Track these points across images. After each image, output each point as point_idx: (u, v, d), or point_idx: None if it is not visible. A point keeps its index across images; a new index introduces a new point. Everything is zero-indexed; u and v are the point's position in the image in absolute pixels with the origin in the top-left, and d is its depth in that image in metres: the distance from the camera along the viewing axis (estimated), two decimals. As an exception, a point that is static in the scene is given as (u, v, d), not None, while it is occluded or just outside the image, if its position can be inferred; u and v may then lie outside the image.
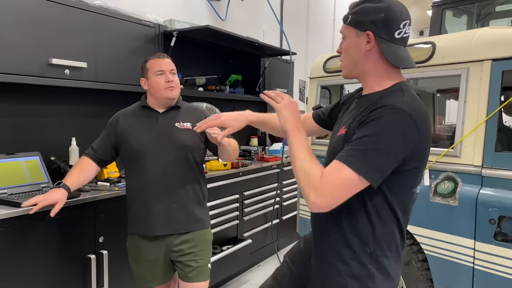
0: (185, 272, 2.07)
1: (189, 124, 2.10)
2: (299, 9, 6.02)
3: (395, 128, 1.15)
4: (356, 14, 1.27)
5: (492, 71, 2.17)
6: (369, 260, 1.28)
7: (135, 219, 2.08)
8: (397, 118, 1.15)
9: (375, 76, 1.30)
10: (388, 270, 1.29)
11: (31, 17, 2.26)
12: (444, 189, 2.30)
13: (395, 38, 1.25)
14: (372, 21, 1.24)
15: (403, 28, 1.25)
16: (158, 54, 2.15)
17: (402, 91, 1.24)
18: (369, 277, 1.28)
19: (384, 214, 1.26)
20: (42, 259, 2.07)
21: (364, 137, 1.16)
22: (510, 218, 2.08)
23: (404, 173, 1.22)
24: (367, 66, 1.29)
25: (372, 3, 1.25)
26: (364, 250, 1.28)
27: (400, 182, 1.24)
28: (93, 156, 2.12)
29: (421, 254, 2.45)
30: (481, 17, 4.64)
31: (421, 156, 1.25)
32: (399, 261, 1.34)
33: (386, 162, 1.16)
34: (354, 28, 1.28)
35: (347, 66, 1.35)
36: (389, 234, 1.29)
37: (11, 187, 2.20)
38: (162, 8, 3.56)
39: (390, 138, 1.15)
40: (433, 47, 2.42)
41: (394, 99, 1.21)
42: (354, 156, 1.15)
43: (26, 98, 2.57)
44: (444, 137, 3.68)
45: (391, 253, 1.30)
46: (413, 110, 1.17)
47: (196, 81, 3.65)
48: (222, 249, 3.33)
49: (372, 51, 1.26)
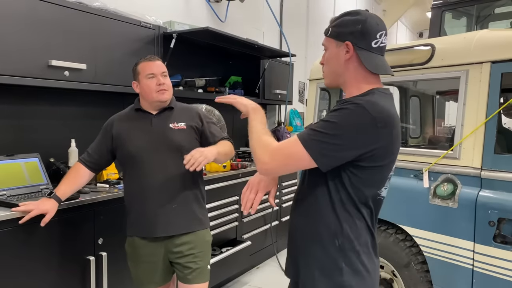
0: (184, 274, 2.07)
1: (183, 124, 2.09)
2: (299, 11, 6.02)
3: (351, 120, 1.22)
4: (336, 27, 1.37)
5: (491, 73, 2.18)
6: (337, 253, 1.33)
7: (134, 222, 2.07)
8: (355, 112, 1.23)
9: (355, 82, 1.36)
10: (357, 264, 1.33)
11: (31, 18, 2.26)
12: (443, 191, 2.30)
13: (372, 47, 1.33)
14: (351, 32, 1.33)
15: (379, 38, 1.34)
16: (148, 57, 2.12)
17: (373, 94, 1.31)
18: (337, 270, 1.32)
19: (350, 209, 1.32)
20: (41, 260, 2.07)
21: (322, 121, 1.26)
22: (509, 220, 2.08)
23: (364, 170, 1.28)
24: (348, 75, 1.37)
25: (351, 16, 1.35)
26: (333, 243, 1.33)
27: (361, 178, 1.29)
28: (87, 163, 2.11)
29: (420, 256, 2.44)
30: (481, 19, 4.65)
31: (380, 156, 1.28)
32: (370, 257, 1.37)
33: (336, 148, 1.22)
34: (334, 40, 1.37)
35: (329, 76, 1.43)
36: (357, 229, 1.33)
37: (10, 188, 2.20)
38: (161, 9, 3.56)
39: (344, 127, 1.22)
40: (432, 49, 2.42)
41: (360, 98, 1.28)
42: (308, 135, 1.25)
43: (26, 100, 2.57)
44: (443, 139, 3.68)
45: (360, 247, 1.33)
46: (374, 109, 1.23)
47: (196, 83, 3.65)
48: (222, 251, 3.32)
49: (351, 60, 1.34)
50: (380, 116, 1.23)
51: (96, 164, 2.13)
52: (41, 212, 1.92)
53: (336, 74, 1.39)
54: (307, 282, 1.38)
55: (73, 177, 2.09)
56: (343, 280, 1.31)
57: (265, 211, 3.96)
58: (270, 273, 3.92)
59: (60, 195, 2.00)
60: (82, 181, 2.12)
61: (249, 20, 4.83)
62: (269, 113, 5.24)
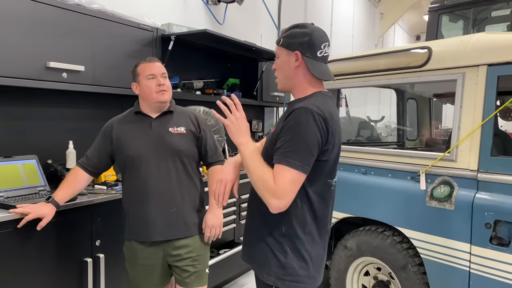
0: (182, 277, 2.06)
1: (183, 129, 2.09)
2: (297, 14, 6.04)
3: (306, 126, 1.40)
4: (287, 38, 1.55)
5: (488, 76, 2.19)
6: (283, 238, 1.52)
7: (133, 225, 2.06)
8: (305, 117, 1.40)
9: (302, 87, 1.56)
10: (301, 250, 1.51)
11: (29, 20, 2.26)
12: (440, 193, 2.31)
13: (317, 57, 1.53)
14: (299, 43, 1.52)
15: (323, 48, 1.54)
16: (148, 58, 2.12)
17: (316, 97, 1.50)
18: (282, 253, 1.52)
19: (298, 200, 1.47)
20: (39, 262, 2.07)
21: (287, 140, 1.41)
22: (505, 222, 2.09)
23: (318, 163, 1.45)
24: (296, 80, 1.55)
25: (299, 29, 1.53)
26: (279, 228, 1.52)
27: (314, 172, 1.45)
28: (86, 166, 2.11)
29: (417, 258, 2.45)
30: (477, 22, 4.68)
31: (328, 150, 1.47)
32: (314, 245, 1.55)
33: (309, 155, 1.40)
34: (285, 49, 1.55)
35: (281, 80, 1.60)
36: (302, 219, 1.51)
37: (7, 190, 2.20)
38: (160, 12, 3.56)
39: (305, 135, 1.39)
40: (429, 52, 2.43)
41: (305, 102, 1.46)
42: (286, 157, 1.39)
43: (24, 101, 2.57)
44: (440, 142, 3.70)
45: (304, 236, 1.51)
46: (318, 110, 1.41)
47: (194, 85, 3.65)
48: (219, 253, 3.32)
49: (300, 67, 1.53)
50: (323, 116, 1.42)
51: (95, 168, 2.13)
52: (38, 216, 1.92)
53: (287, 78, 1.57)
54: (259, 262, 1.59)
55: (71, 182, 2.08)
56: (287, 262, 1.51)
57: (263, 213, 3.96)
58: (267, 275, 3.91)
59: (58, 200, 2.00)
60: (80, 186, 2.12)
61: (247, 22, 4.84)
62: (267, 115, 5.25)
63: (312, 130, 1.40)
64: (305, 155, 1.39)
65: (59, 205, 2.01)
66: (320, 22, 6.71)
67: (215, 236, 2.12)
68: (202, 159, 2.19)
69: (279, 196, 1.38)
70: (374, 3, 9.51)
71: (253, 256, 1.63)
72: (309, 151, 1.39)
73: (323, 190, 1.53)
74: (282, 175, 1.39)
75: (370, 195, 2.67)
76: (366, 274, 2.81)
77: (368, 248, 2.67)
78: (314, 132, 1.40)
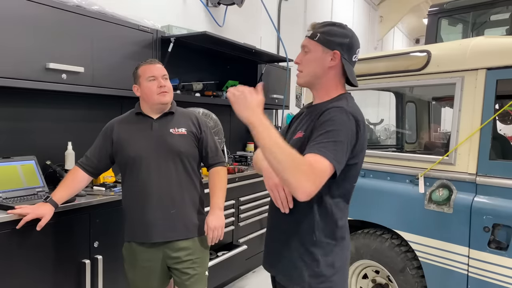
0: (182, 280, 2.06)
1: (183, 130, 2.09)
2: (296, 16, 6.04)
3: (344, 124, 1.34)
4: (325, 34, 1.47)
5: (487, 80, 2.19)
6: (313, 247, 1.44)
7: (132, 226, 2.06)
8: (344, 116, 1.35)
9: (327, 87, 1.50)
10: (332, 257, 1.46)
11: (29, 21, 2.26)
12: (438, 197, 2.31)
13: (352, 61, 1.50)
14: (339, 43, 1.45)
15: (357, 53, 1.50)
16: (149, 60, 2.13)
17: (346, 99, 1.46)
18: (313, 261, 1.44)
19: (328, 204, 1.43)
20: (36, 263, 2.06)
21: (326, 132, 1.33)
22: (504, 226, 2.09)
23: (348, 167, 1.39)
24: (324, 79, 1.49)
25: (338, 28, 1.48)
26: (310, 237, 1.45)
27: (344, 175, 1.39)
28: (86, 167, 2.11)
29: (415, 261, 2.45)
30: (476, 26, 4.69)
31: (358, 153, 1.42)
32: (344, 249, 1.50)
33: (344, 153, 1.33)
34: (322, 46, 1.47)
35: (306, 76, 1.52)
36: (332, 224, 1.45)
37: (6, 191, 2.19)
38: (160, 14, 3.57)
39: (342, 132, 1.33)
40: (428, 56, 2.44)
41: (339, 103, 1.42)
42: (324, 148, 1.29)
43: (23, 102, 2.57)
44: (439, 145, 3.70)
45: (335, 241, 1.46)
46: (354, 112, 1.38)
47: (193, 87, 3.65)
48: (218, 255, 3.32)
49: (334, 67, 1.47)
50: (359, 119, 1.39)
51: (95, 169, 2.12)
52: (37, 216, 1.92)
53: (315, 76, 1.49)
54: (288, 275, 1.49)
55: (70, 182, 2.08)
56: (320, 270, 1.44)
57: (262, 215, 3.96)
58: (266, 278, 3.88)
59: (57, 199, 2.00)
60: (79, 186, 2.12)
61: (247, 25, 4.84)
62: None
63: (348, 128, 1.34)
64: (340, 151, 1.31)
65: (58, 205, 2.01)
66: (320, 24, 6.72)
67: (217, 238, 2.10)
68: (203, 160, 2.19)
69: (313, 180, 1.22)
70: (373, 6, 9.53)
71: (280, 268, 1.54)
72: (344, 149, 1.32)
73: (349, 193, 1.50)
74: (319, 162, 1.26)
75: (369, 198, 2.67)
76: (364, 277, 2.81)
77: (366, 251, 2.67)
78: (349, 131, 1.34)
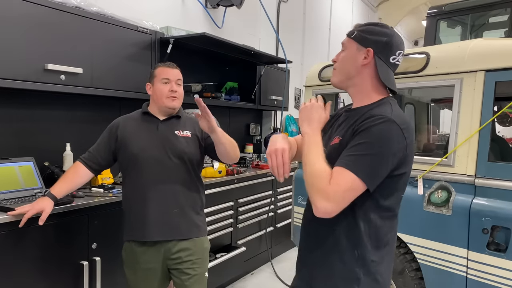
0: (182, 280, 2.05)
1: (188, 132, 2.11)
2: (295, 18, 6.06)
3: (386, 135, 1.25)
4: (363, 32, 1.40)
5: (485, 82, 2.20)
6: (355, 263, 1.34)
7: (133, 225, 2.06)
8: (386, 127, 1.26)
9: (364, 90, 1.41)
10: (375, 274, 1.35)
11: (28, 22, 2.25)
12: (437, 199, 2.31)
13: (389, 62, 1.39)
14: (375, 41, 1.37)
15: (397, 56, 1.40)
16: (168, 63, 2.18)
17: (390, 104, 1.36)
18: (354, 280, 1.34)
19: (373, 218, 1.33)
20: (34, 265, 2.06)
21: (359, 144, 1.25)
22: (503, 228, 2.09)
23: (393, 178, 1.31)
24: (358, 79, 1.41)
25: (379, 27, 1.40)
26: (352, 253, 1.34)
27: (391, 187, 1.32)
28: (88, 162, 2.10)
29: (414, 263, 2.45)
30: (475, 28, 4.69)
31: (407, 162, 1.34)
32: (388, 266, 1.40)
33: (380, 166, 1.25)
34: (356, 43, 1.40)
35: (339, 75, 1.45)
36: (377, 239, 1.35)
37: (4, 192, 2.19)
38: (158, 15, 3.56)
39: (381, 144, 1.25)
40: (427, 57, 2.44)
41: (383, 110, 1.32)
42: (353, 161, 1.24)
43: (21, 103, 2.56)
44: (438, 147, 3.70)
45: (379, 258, 1.36)
46: (400, 120, 1.28)
47: (192, 88, 3.65)
48: (216, 256, 3.31)
49: (367, 66, 1.39)
50: (405, 127, 1.29)
51: (97, 164, 2.12)
52: (37, 211, 1.90)
53: (348, 75, 1.42)
54: None
55: (71, 176, 2.08)
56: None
57: (260, 217, 3.96)
58: (264, 279, 3.91)
59: (55, 193, 1.99)
60: (80, 181, 2.10)
61: (246, 26, 4.85)
62: (265, 119, 5.26)
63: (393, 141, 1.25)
64: (374, 164, 1.24)
65: (57, 199, 1.99)
66: (319, 26, 6.74)
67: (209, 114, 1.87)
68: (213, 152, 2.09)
69: (330, 198, 1.21)
70: (372, 8, 9.55)
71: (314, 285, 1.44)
72: (381, 162, 1.24)
73: (396, 203, 1.39)
74: (342, 177, 1.22)
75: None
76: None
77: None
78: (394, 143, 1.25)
